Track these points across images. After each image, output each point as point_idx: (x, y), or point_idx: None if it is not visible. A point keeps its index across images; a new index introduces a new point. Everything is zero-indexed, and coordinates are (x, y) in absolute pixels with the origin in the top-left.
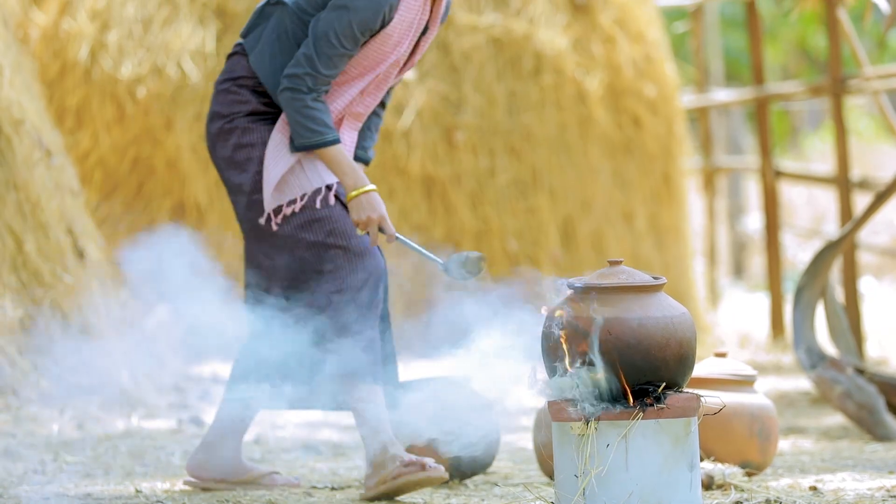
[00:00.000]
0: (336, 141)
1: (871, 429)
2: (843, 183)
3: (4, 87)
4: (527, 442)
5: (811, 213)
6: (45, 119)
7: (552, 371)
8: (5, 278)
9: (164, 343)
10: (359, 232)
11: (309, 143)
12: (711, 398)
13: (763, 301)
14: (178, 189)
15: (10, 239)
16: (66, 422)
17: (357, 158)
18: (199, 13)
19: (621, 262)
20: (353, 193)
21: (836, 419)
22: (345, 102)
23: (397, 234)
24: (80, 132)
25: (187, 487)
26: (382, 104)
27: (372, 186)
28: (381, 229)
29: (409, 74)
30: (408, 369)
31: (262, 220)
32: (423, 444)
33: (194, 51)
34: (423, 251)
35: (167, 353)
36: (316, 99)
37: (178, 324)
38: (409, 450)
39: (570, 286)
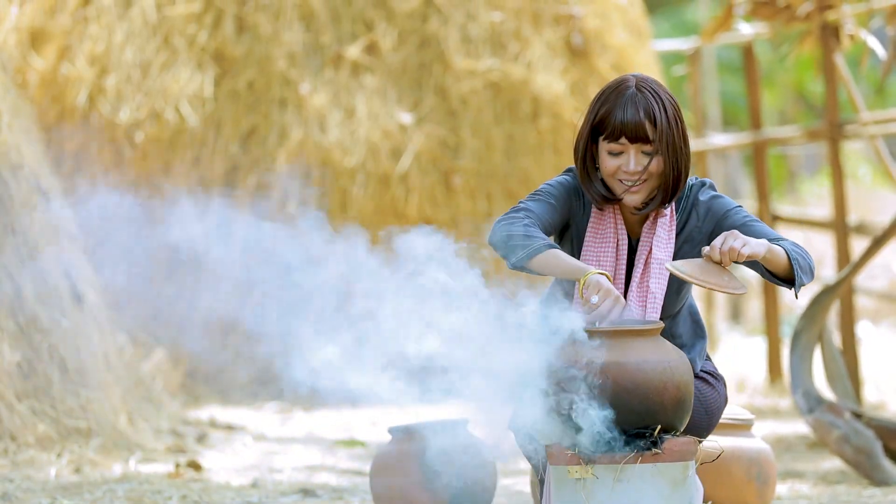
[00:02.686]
0: (551, 245)
1: (869, 473)
2: (840, 227)
3: (3, 131)
4: (524, 486)
5: None
6: (43, 163)
7: (550, 414)
8: (3, 322)
9: (162, 387)
10: (592, 299)
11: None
12: (709, 442)
13: (760, 345)
14: None
15: (8, 283)
16: (63, 466)
17: None
18: (197, 58)
19: None
20: (594, 271)
21: (833, 463)
22: None
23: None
24: (78, 176)
25: None
26: None
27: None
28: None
29: (406, 118)
30: (404, 413)
31: None
32: (419, 488)
33: (192, 95)
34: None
35: (164, 396)
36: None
37: (176, 368)
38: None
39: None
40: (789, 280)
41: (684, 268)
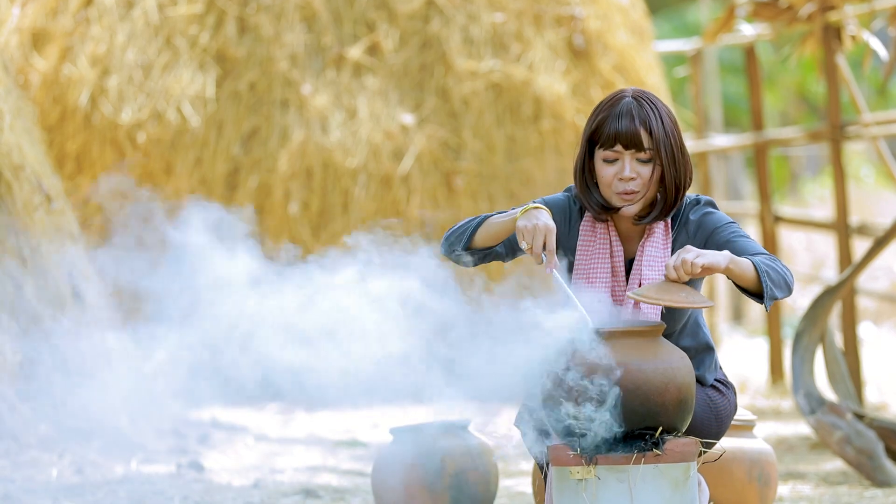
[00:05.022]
0: (484, 217)
1: (871, 474)
2: (842, 228)
3: (5, 132)
4: (525, 486)
5: (810, 258)
6: (45, 164)
7: (552, 415)
8: (5, 322)
9: (164, 387)
10: (523, 245)
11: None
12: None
13: (762, 346)
14: None
15: (10, 283)
16: (65, 466)
17: None
18: (198, 59)
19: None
20: (521, 210)
21: (835, 464)
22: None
23: (555, 269)
24: (80, 177)
25: None
26: None
27: (540, 205)
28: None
29: (408, 119)
30: (407, 413)
31: None
32: (421, 489)
33: (194, 96)
34: (576, 300)
35: (166, 397)
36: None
37: (178, 368)
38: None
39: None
40: (761, 294)
41: (644, 292)
